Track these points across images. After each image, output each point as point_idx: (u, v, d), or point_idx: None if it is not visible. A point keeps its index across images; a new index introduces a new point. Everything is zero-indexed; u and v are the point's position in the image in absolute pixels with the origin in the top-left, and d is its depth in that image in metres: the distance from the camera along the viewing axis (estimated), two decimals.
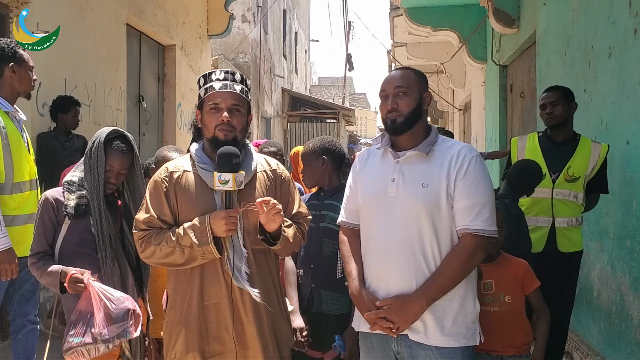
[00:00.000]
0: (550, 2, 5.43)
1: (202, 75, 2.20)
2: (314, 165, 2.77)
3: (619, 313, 3.70)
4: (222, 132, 2.09)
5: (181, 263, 2.05)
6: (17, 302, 3.17)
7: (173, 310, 2.14)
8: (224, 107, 2.10)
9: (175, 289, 2.14)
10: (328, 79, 39.10)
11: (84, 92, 5.49)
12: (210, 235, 2.00)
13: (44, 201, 2.38)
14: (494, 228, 2.05)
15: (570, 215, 3.38)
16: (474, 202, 2.01)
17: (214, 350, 2.09)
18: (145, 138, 7.42)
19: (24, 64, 3.13)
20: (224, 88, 2.12)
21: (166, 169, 2.17)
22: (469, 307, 2.07)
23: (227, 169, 1.99)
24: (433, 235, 2.03)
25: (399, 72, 2.20)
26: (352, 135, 24.78)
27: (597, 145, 3.44)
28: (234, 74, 2.17)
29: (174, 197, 2.11)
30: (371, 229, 2.15)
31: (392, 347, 2.08)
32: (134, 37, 7.01)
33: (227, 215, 1.99)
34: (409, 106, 2.10)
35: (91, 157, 2.37)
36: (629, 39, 3.61)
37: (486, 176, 2.08)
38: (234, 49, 13.12)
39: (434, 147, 2.10)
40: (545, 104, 3.52)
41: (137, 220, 2.12)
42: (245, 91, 2.17)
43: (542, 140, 3.55)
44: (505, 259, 2.66)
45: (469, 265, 2.03)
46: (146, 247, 2.07)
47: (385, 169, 2.14)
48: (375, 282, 2.11)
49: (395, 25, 9.78)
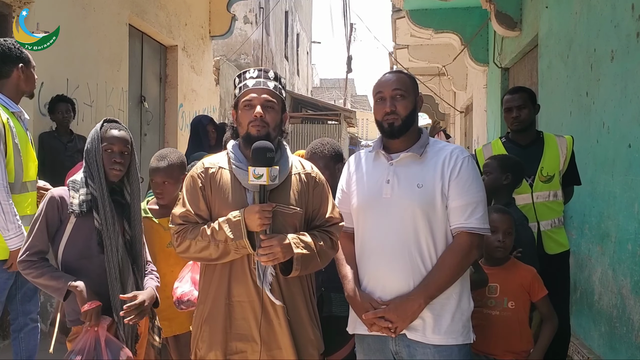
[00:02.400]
0: (552, 5, 5.43)
1: (237, 75, 2.22)
2: (334, 171, 2.76)
3: (620, 317, 3.69)
4: (254, 127, 2.09)
5: (216, 257, 2.06)
6: (19, 300, 3.18)
7: (202, 304, 2.16)
8: (257, 103, 2.10)
9: (205, 284, 2.16)
10: (330, 80, 39.13)
11: (86, 92, 5.49)
12: (244, 230, 2.00)
13: (50, 198, 2.36)
14: (487, 226, 2.11)
15: (553, 217, 3.34)
16: (467, 201, 2.06)
17: (236, 348, 2.08)
18: (147, 138, 7.42)
19: (30, 63, 3.15)
20: (257, 85, 2.13)
21: (202, 164, 2.19)
22: (464, 304, 2.10)
23: (261, 163, 1.98)
24: (429, 234, 2.06)
25: (394, 75, 2.22)
26: (353, 137, 24.78)
27: (562, 139, 3.40)
28: (267, 71, 2.19)
29: (209, 192, 2.13)
30: (366, 231, 2.16)
31: (390, 348, 2.09)
32: (136, 37, 7.02)
33: (261, 210, 1.99)
34: (407, 109, 2.14)
35: (89, 150, 2.38)
36: (632, 42, 3.61)
37: (478, 176, 2.14)
38: (235, 50, 13.13)
39: (426, 149, 2.15)
40: (511, 107, 3.45)
41: (173, 215, 2.15)
42: (279, 88, 2.18)
43: (507, 145, 3.47)
44: (514, 265, 2.64)
45: (464, 263, 2.07)
46: (182, 241, 2.08)
47: (379, 171, 2.17)
48: (371, 284, 2.12)
49: (397, 27, 9.79)
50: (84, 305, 2.23)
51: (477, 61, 8.74)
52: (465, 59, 9.07)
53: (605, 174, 3.45)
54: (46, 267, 2.32)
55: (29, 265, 2.31)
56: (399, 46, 11.30)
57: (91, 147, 2.38)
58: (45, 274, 2.29)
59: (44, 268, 2.31)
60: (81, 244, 2.34)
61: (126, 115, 6.41)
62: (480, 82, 9.58)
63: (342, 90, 28.58)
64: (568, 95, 4.71)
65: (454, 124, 14.91)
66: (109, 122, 2.46)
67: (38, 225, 2.34)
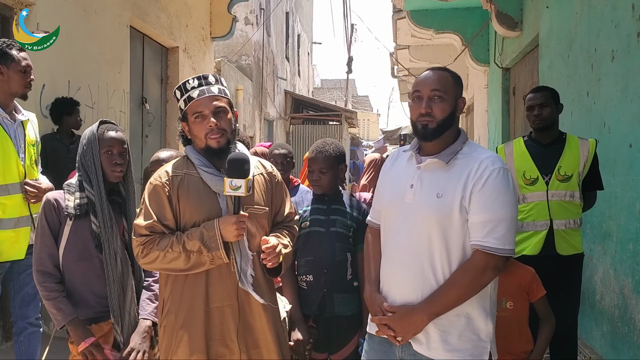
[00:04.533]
0: (553, 5, 5.43)
1: (177, 87, 2.17)
2: (337, 171, 2.76)
3: (622, 316, 3.69)
4: (213, 139, 2.08)
5: (185, 269, 2.04)
6: (18, 304, 3.18)
7: (173, 314, 2.11)
8: (208, 112, 2.08)
9: (175, 293, 2.12)
10: (331, 81, 39.11)
11: (87, 94, 5.50)
12: (220, 241, 2.00)
13: (46, 202, 2.38)
14: (510, 247, 1.91)
15: (569, 217, 3.31)
16: (488, 218, 1.90)
17: (217, 352, 2.08)
18: (148, 140, 7.43)
19: (13, 64, 3.06)
20: (202, 94, 2.09)
21: (166, 172, 2.13)
22: (478, 324, 1.96)
23: (238, 174, 1.98)
24: (443, 247, 1.94)
25: (436, 73, 2.05)
26: (354, 138, 24.77)
27: (585, 142, 3.38)
28: (206, 77, 2.15)
29: (176, 200, 2.09)
30: (388, 233, 2.10)
31: (396, 354, 2.05)
32: (137, 39, 7.03)
33: (238, 221, 2.00)
34: (444, 112, 1.99)
35: (86, 152, 2.36)
36: (632, 42, 3.61)
37: (507, 191, 1.92)
38: (236, 51, 13.13)
39: (457, 156, 1.99)
40: (533, 105, 3.44)
41: (137, 226, 2.08)
42: (223, 90, 2.15)
43: (528, 144, 3.47)
44: (512, 265, 2.62)
45: (477, 283, 1.91)
46: (148, 253, 2.03)
47: (407, 174, 2.07)
48: (387, 287, 2.08)
49: (398, 27, 9.79)
50: (80, 343, 2.25)
51: (478, 61, 8.75)
52: (466, 59, 9.07)
53: (606, 173, 3.45)
54: (54, 291, 2.31)
55: (41, 281, 2.33)
56: (400, 47, 11.31)
57: (88, 149, 2.35)
58: (51, 299, 2.30)
59: (52, 292, 2.31)
60: (80, 246, 2.34)
61: (127, 116, 6.41)
62: (481, 82, 9.58)
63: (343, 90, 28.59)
64: (569, 95, 4.71)
65: None
66: (103, 123, 2.43)
67: (41, 230, 2.36)
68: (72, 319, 2.29)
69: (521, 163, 3.42)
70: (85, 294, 2.35)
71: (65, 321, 2.28)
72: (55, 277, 2.33)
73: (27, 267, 3.05)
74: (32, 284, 2.99)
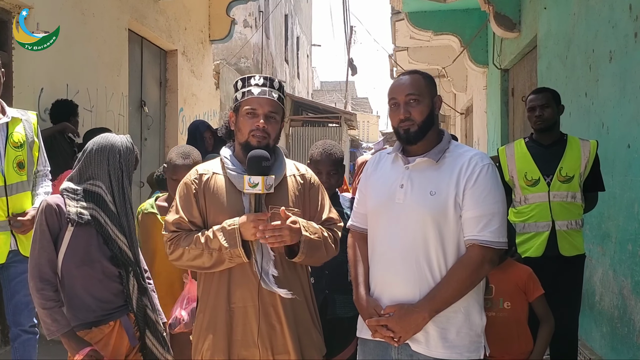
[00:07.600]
0: (551, 6, 5.44)
1: (240, 78, 2.20)
2: (343, 172, 2.79)
3: (621, 317, 3.69)
4: (255, 138, 2.09)
5: (209, 266, 2.05)
6: (11, 311, 3.14)
7: (202, 313, 2.14)
8: (261, 113, 2.10)
9: (204, 293, 2.14)
10: (330, 83, 39.11)
11: (86, 97, 5.50)
12: (239, 238, 1.99)
13: (47, 206, 2.32)
14: (503, 240, 1.98)
15: (570, 218, 3.31)
16: (482, 212, 1.95)
17: (238, 354, 2.07)
18: (147, 143, 7.43)
19: None
20: (262, 94, 2.11)
21: (196, 171, 2.18)
22: (474, 319, 2.01)
23: (256, 172, 1.99)
24: (439, 244, 1.97)
25: (407, 77, 2.10)
26: (354, 140, 24.76)
27: (586, 143, 3.38)
28: (272, 80, 2.17)
29: (202, 199, 2.12)
30: (378, 235, 2.11)
31: (392, 356, 2.04)
32: (136, 42, 7.03)
33: (256, 219, 1.98)
34: (423, 114, 2.04)
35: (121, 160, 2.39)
36: (630, 42, 3.61)
37: (497, 186, 2.01)
38: (235, 53, 13.14)
39: (445, 154, 2.05)
40: (535, 106, 3.44)
41: (166, 222, 2.14)
42: (282, 99, 2.18)
43: (529, 145, 3.47)
44: (509, 265, 2.62)
45: (474, 277, 1.96)
46: (175, 249, 2.08)
47: (394, 175, 2.09)
48: (379, 289, 2.07)
49: (397, 29, 9.80)
50: (75, 355, 2.23)
51: (476, 63, 8.76)
52: (465, 61, 9.08)
53: (604, 174, 3.44)
54: (51, 300, 2.27)
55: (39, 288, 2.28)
56: (399, 48, 11.33)
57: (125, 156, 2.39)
58: (47, 308, 2.25)
59: (49, 301, 2.27)
60: (81, 251, 2.32)
61: (126, 120, 6.41)
62: (480, 84, 9.59)
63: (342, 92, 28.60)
64: (567, 95, 4.71)
65: (454, 126, 14.90)
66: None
67: (41, 235, 2.31)
68: (66, 331, 2.25)
69: (522, 164, 3.42)
70: (86, 298, 2.32)
71: (60, 333, 2.24)
72: (53, 285, 2.30)
73: (18, 275, 3.03)
74: (24, 292, 2.93)
